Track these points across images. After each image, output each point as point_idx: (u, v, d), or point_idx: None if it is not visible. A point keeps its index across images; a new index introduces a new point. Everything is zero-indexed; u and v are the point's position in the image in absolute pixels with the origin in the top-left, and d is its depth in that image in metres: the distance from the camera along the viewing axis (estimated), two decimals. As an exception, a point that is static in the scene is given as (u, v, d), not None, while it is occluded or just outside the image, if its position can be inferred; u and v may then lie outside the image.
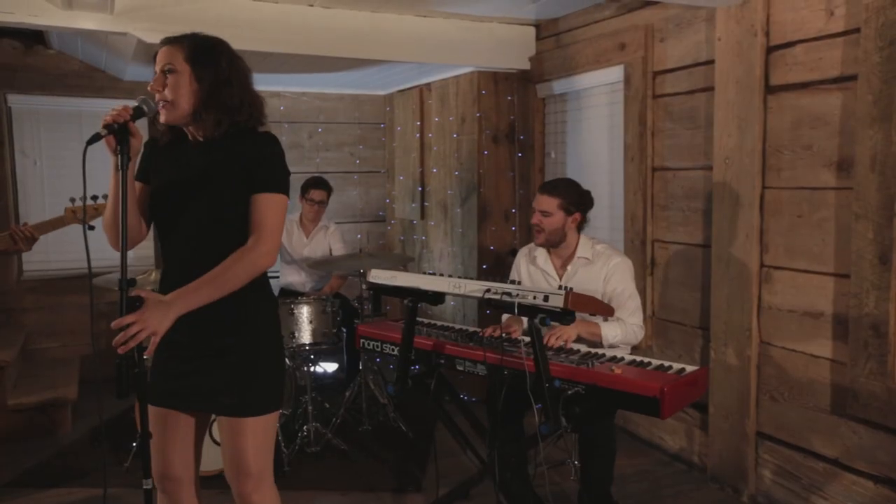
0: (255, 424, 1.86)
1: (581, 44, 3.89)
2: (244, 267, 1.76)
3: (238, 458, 1.87)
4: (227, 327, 1.84)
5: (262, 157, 1.84)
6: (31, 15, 3.07)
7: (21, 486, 3.23)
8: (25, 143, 4.73)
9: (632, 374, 2.20)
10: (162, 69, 1.82)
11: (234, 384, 1.85)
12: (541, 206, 2.73)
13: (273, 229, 1.81)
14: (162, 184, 1.88)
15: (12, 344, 4.12)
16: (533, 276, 2.91)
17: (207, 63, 1.83)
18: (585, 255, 2.77)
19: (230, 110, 1.84)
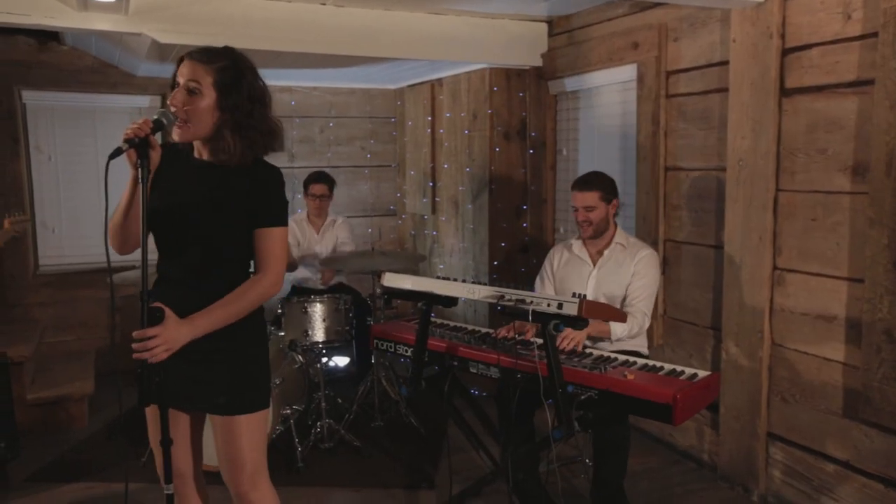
0: (248, 422, 1.92)
1: (594, 41, 3.87)
2: (255, 296, 1.87)
3: (233, 455, 1.92)
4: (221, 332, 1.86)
5: (266, 193, 1.89)
6: (47, 17, 3.09)
7: (41, 481, 3.29)
8: (40, 139, 4.77)
9: (644, 381, 2.22)
10: (186, 86, 1.82)
11: (228, 384, 1.90)
12: (583, 202, 2.87)
13: (279, 260, 1.90)
14: (164, 198, 1.87)
15: (29, 339, 4.18)
16: (568, 265, 3.02)
17: (234, 93, 1.82)
18: (622, 242, 2.92)
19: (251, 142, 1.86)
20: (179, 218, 1.86)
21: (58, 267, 4.87)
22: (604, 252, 2.94)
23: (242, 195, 1.86)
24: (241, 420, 1.89)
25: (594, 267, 2.94)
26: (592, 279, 2.93)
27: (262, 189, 1.87)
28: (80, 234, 4.95)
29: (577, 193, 2.89)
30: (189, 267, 1.88)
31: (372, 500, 3.13)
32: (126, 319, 4.99)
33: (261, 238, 1.88)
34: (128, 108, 4.97)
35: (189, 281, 1.88)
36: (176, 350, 1.76)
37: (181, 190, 1.88)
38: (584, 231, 2.93)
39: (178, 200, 1.87)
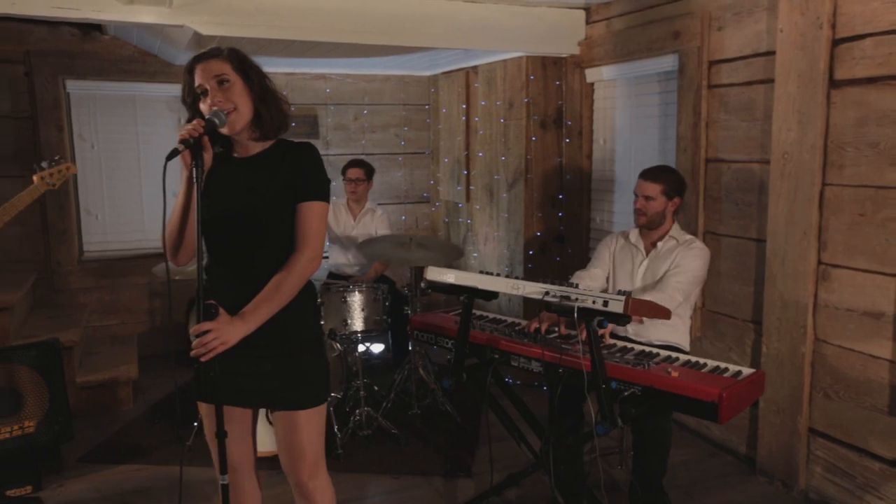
0: (308, 416, 1.97)
1: (633, 30, 3.82)
2: (295, 279, 1.88)
3: (295, 448, 1.97)
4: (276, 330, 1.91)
5: (304, 168, 1.92)
6: (95, 10, 3.14)
7: (92, 462, 3.41)
8: (83, 128, 4.86)
9: (689, 378, 2.22)
10: (216, 81, 1.86)
11: (288, 380, 1.95)
12: (645, 191, 2.88)
13: (316, 236, 1.91)
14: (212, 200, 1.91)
15: (77, 323, 4.30)
16: (622, 252, 3.05)
17: (250, 70, 1.91)
18: (676, 237, 2.93)
19: (280, 110, 1.95)
20: (231, 215, 1.90)
21: (101, 253, 4.99)
22: (657, 244, 2.95)
23: (283, 176, 1.90)
24: (300, 414, 1.94)
25: (646, 256, 2.96)
26: (642, 267, 2.96)
27: (299, 165, 1.92)
28: (122, 221, 5.06)
29: (642, 181, 2.90)
30: (243, 263, 1.93)
31: (410, 487, 3.19)
32: (166, 305, 5.11)
33: (299, 213, 1.90)
34: (166, 97, 5.04)
35: (243, 276, 1.91)
36: (231, 345, 1.81)
37: (228, 189, 1.92)
38: (637, 218, 2.94)
39: (226, 195, 1.91)
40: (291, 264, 1.88)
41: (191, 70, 1.89)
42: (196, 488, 3.09)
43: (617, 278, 3.05)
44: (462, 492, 3.13)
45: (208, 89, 1.86)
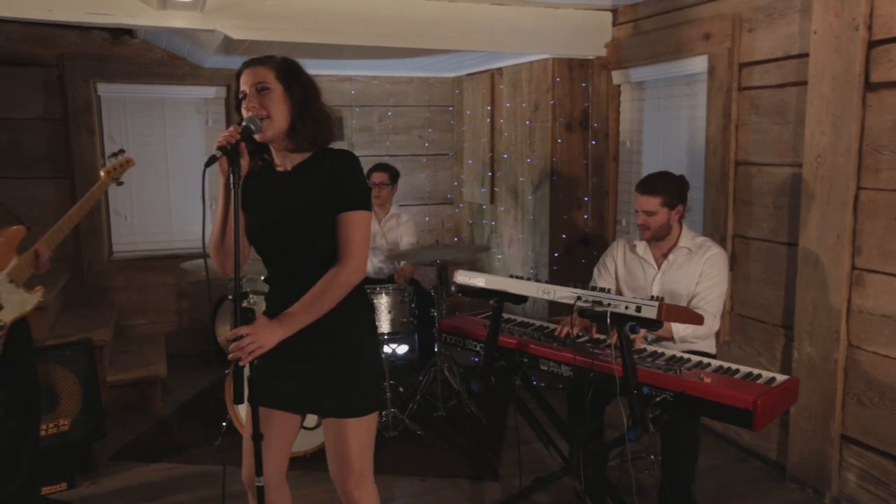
0: (356, 425, 1.96)
1: (662, 31, 3.80)
2: (338, 287, 1.88)
3: (342, 456, 1.96)
4: (329, 334, 1.92)
5: (344, 177, 1.91)
6: (128, 16, 3.19)
7: (124, 460, 3.46)
8: (113, 130, 4.94)
9: (722, 384, 2.21)
10: (256, 88, 1.89)
11: (337, 387, 1.95)
12: (644, 206, 2.77)
13: (360, 245, 1.90)
14: (257, 212, 1.93)
15: (107, 323, 4.37)
16: (629, 264, 2.96)
17: (295, 81, 1.92)
18: (687, 246, 2.83)
19: (319, 125, 1.94)
20: (275, 228, 1.92)
21: (130, 253, 5.07)
22: (668, 255, 2.86)
23: (323, 186, 1.90)
24: (349, 423, 1.94)
25: (658, 270, 2.88)
26: (657, 283, 2.88)
27: (338, 174, 1.91)
28: (150, 222, 5.13)
29: (639, 196, 2.79)
30: (291, 272, 1.95)
31: (437, 489, 3.20)
32: (193, 305, 5.18)
33: (340, 224, 1.89)
34: (194, 99, 5.11)
35: (293, 285, 1.92)
36: (267, 349, 1.82)
37: (271, 202, 1.94)
38: (642, 234, 2.85)
39: (271, 212, 1.93)
40: (334, 274, 1.88)
41: (238, 74, 1.92)
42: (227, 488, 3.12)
43: (624, 292, 2.96)
44: (489, 495, 3.13)
45: (248, 94, 1.89)
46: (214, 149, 1.80)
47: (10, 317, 2.63)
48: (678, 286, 2.83)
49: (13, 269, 2.66)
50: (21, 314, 2.68)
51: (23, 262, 2.69)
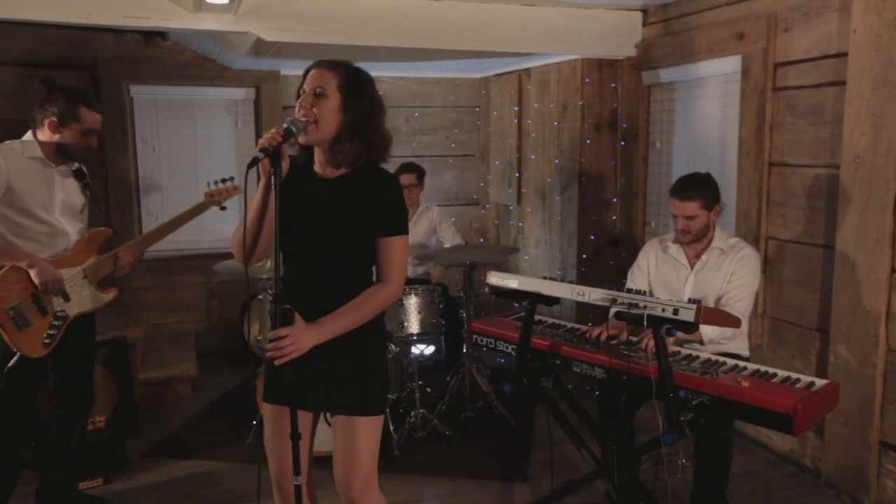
0: (367, 424, 1.98)
1: (694, 31, 3.76)
2: (378, 304, 1.94)
3: (351, 455, 1.97)
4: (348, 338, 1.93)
5: (388, 202, 1.93)
6: (164, 19, 3.24)
7: (158, 456, 3.51)
8: (145, 131, 5.01)
9: (761, 388, 2.18)
10: (313, 91, 1.90)
11: (354, 385, 1.97)
12: (684, 212, 2.77)
13: (400, 268, 1.96)
14: (291, 212, 1.93)
15: (138, 322, 4.43)
16: (662, 265, 2.96)
17: (356, 96, 1.91)
18: (720, 246, 2.83)
19: (368, 144, 1.94)
20: (307, 232, 1.93)
21: (160, 253, 5.12)
22: (701, 256, 2.86)
23: (365, 205, 1.91)
24: (361, 421, 1.96)
25: (691, 270, 2.88)
26: (689, 283, 2.87)
27: (383, 198, 1.93)
28: (180, 222, 5.18)
29: (677, 202, 2.78)
30: (316, 275, 1.96)
31: (466, 490, 3.20)
32: (222, 304, 5.23)
33: (382, 247, 1.94)
34: (224, 100, 5.16)
35: (316, 287, 1.95)
36: (304, 352, 1.84)
37: (308, 205, 1.95)
38: (682, 238, 2.84)
39: (306, 215, 1.94)
40: (375, 292, 1.93)
41: (306, 72, 1.94)
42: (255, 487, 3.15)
43: (657, 293, 2.95)
44: (518, 496, 3.12)
45: (304, 94, 1.90)
46: (257, 150, 1.82)
47: (75, 310, 2.72)
48: (710, 287, 2.81)
49: (90, 266, 2.76)
50: (87, 310, 2.78)
51: (101, 262, 2.78)
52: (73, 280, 2.70)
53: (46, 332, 2.61)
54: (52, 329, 2.63)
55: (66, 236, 2.71)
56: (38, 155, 2.65)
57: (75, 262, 2.72)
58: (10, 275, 2.52)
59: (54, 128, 2.63)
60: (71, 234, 2.73)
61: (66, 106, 2.62)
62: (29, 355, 2.57)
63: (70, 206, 2.75)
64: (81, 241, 2.76)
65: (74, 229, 2.75)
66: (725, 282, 2.78)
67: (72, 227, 2.74)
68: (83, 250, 2.76)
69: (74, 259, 2.72)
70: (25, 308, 2.55)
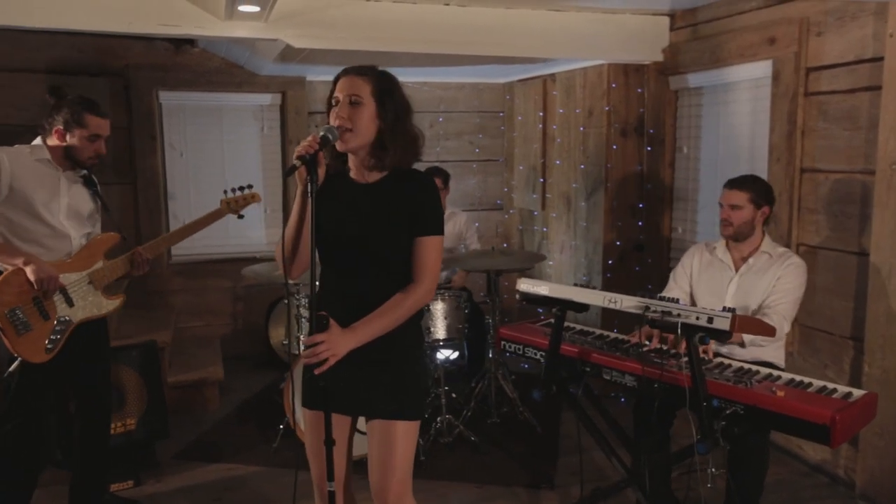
0: (404, 429, 1.98)
1: (723, 36, 3.73)
2: (411, 305, 1.94)
3: (387, 460, 1.97)
4: (386, 342, 1.94)
5: (424, 202, 1.95)
6: (196, 27, 3.28)
7: (186, 460, 3.54)
8: (173, 137, 5.07)
9: (795, 398, 2.15)
10: (349, 99, 1.92)
11: (392, 390, 1.98)
12: (730, 200, 2.79)
13: (434, 269, 1.96)
14: (329, 218, 1.95)
15: (167, 325, 4.48)
16: (707, 266, 2.95)
17: (389, 100, 1.93)
18: (769, 252, 2.82)
19: (405, 146, 1.96)
20: (347, 238, 1.95)
21: (187, 257, 5.19)
22: (748, 259, 2.84)
23: (402, 207, 1.93)
24: (398, 426, 1.96)
25: (736, 273, 2.86)
26: (733, 285, 2.85)
27: (419, 199, 1.94)
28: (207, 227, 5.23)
29: (727, 191, 2.82)
30: (355, 281, 1.97)
31: (493, 496, 3.19)
32: (248, 308, 5.27)
33: (421, 247, 1.94)
34: (251, 106, 5.21)
35: (355, 293, 1.96)
36: (340, 357, 1.86)
37: (347, 212, 1.96)
38: (723, 229, 2.84)
39: (345, 222, 1.95)
40: (409, 292, 1.93)
41: (336, 79, 1.96)
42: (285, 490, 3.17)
43: (699, 295, 2.94)
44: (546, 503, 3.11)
45: (339, 102, 1.92)
46: (294, 158, 1.84)
47: (79, 316, 2.68)
48: (754, 291, 2.79)
49: (95, 272, 2.73)
50: (92, 316, 2.73)
51: (108, 268, 2.76)
52: (77, 285, 2.67)
53: (49, 336, 2.58)
54: (55, 334, 2.60)
55: (69, 240, 2.69)
56: (47, 157, 2.67)
57: (80, 267, 2.69)
58: (11, 278, 2.50)
59: (61, 135, 2.65)
60: (74, 237, 2.71)
61: (71, 114, 2.64)
62: (30, 360, 2.54)
63: (76, 210, 2.73)
64: (87, 245, 2.74)
65: (79, 234, 2.73)
66: (770, 287, 2.77)
67: (76, 231, 2.72)
68: (89, 255, 2.73)
69: (79, 264, 2.69)
70: (26, 312, 2.52)
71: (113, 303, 2.80)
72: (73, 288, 2.67)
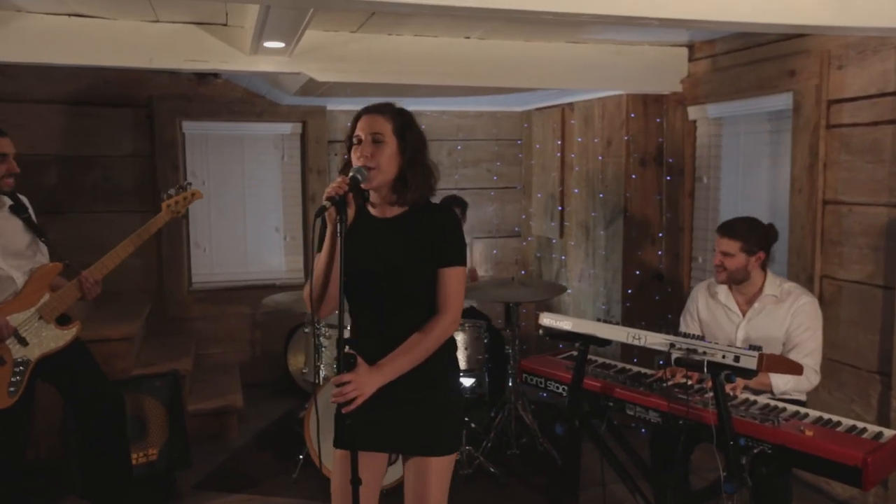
0: (439, 465, 1.98)
1: (742, 68, 3.75)
2: (435, 339, 1.95)
3: (422, 495, 1.97)
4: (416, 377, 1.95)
5: (447, 234, 1.98)
6: (222, 62, 3.35)
7: (206, 489, 3.54)
8: (196, 166, 5.15)
9: (826, 438, 2.13)
10: (371, 138, 1.95)
11: (424, 425, 1.98)
12: (722, 247, 2.74)
13: (457, 299, 1.98)
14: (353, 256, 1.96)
15: (187, 352, 4.51)
16: (713, 311, 2.90)
17: (409, 136, 1.98)
18: (773, 293, 2.75)
19: (424, 180, 1.99)
20: (372, 275, 1.97)
21: (207, 284, 5.23)
22: (753, 303, 2.78)
23: (424, 240, 1.95)
24: (433, 461, 1.96)
25: (743, 318, 2.80)
26: (741, 331, 2.80)
27: (441, 231, 1.97)
28: (228, 254, 5.30)
29: (719, 238, 2.75)
30: (382, 315, 1.99)
31: (515, 530, 3.16)
32: (266, 335, 5.29)
33: (444, 278, 1.96)
34: (271, 135, 5.28)
35: (384, 329, 1.97)
36: (367, 396, 1.86)
37: (370, 249, 1.98)
38: (717, 275, 2.79)
39: (369, 259, 1.97)
40: (432, 325, 1.94)
41: (357, 118, 2.00)
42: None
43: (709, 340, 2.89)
44: (568, 539, 3.08)
45: (362, 141, 1.95)
46: (324, 199, 1.86)
47: (36, 353, 2.66)
48: (764, 333, 2.74)
49: (43, 306, 2.69)
50: (50, 350, 2.70)
51: (56, 298, 2.71)
52: (28, 323, 2.64)
53: (9, 380, 2.57)
54: (16, 376, 2.58)
55: (12, 280, 2.66)
56: None
57: (27, 305, 2.65)
58: None
59: None
60: (17, 277, 2.67)
61: None
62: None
63: (11, 249, 2.69)
64: (29, 280, 2.69)
65: (21, 272, 2.69)
66: (782, 331, 2.71)
67: (18, 270, 2.68)
68: (33, 290, 2.68)
69: (25, 301, 2.66)
70: None
71: (70, 332, 2.76)
72: (24, 327, 2.63)
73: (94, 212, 4.80)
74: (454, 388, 2.06)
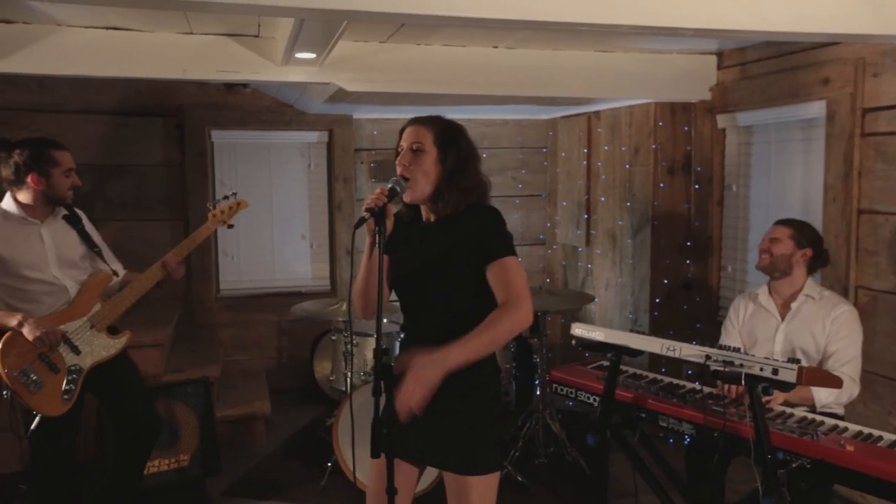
0: (479, 484, 1.94)
1: (773, 76, 3.71)
2: (510, 326, 1.83)
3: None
4: (460, 391, 1.92)
5: (489, 229, 1.96)
6: (253, 73, 3.39)
7: (236, 496, 3.56)
8: (224, 174, 5.21)
9: (866, 453, 2.09)
10: (410, 147, 1.97)
11: (464, 443, 1.95)
12: (772, 234, 2.77)
13: (524, 288, 1.88)
14: (403, 260, 1.99)
15: (216, 359, 4.55)
16: (752, 317, 2.89)
17: (451, 147, 1.98)
18: (812, 294, 2.74)
19: (465, 192, 1.99)
20: (413, 279, 1.98)
21: (235, 291, 5.29)
22: (791, 305, 2.77)
23: (468, 239, 1.94)
24: (471, 481, 1.93)
25: (782, 321, 2.79)
26: (780, 333, 2.78)
27: (484, 227, 1.95)
28: (255, 262, 5.35)
29: (773, 226, 2.81)
30: (433, 322, 1.99)
31: (544, 541, 3.14)
32: (292, 342, 5.32)
33: (496, 271, 1.89)
34: (298, 143, 5.33)
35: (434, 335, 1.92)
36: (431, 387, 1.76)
37: (418, 249, 2.01)
38: (760, 259, 2.80)
39: (417, 256, 1.99)
40: (506, 313, 1.82)
41: (403, 129, 2.03)
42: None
43: (748, 346, 2.86)
44: (599, 551, 3.05)
45: (403, 151, 1.98)
46: (363, 210, 1.88)
47: (88, 362, 2.70)
48: (803, 339, 2.72)
49: (95, 315, 2.74)
50: (101, 359, 2.73)
51: (107, 308, 2.76)
52: (79, 332, 2.69)
53: (63, 388, 2.62)
54: (69, 384, 2.63)
55: (66, 290, 2.71)
56: (20, 215, 2.67)
57: (79, 314, 2.70)
58: (13, 340, 2.55)
59: (38, 181, 2.63)
60: (71, 287, 2.72)
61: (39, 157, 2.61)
62: (50, 415, 2.59)
63: (66, 259, 2.74)
64: (81, 290, 2.74)
65: (75, 281, 2.74)
66: (823, 337, 2.68)
67: (71, 280, 2.73)
68: (85, 300, 2.73)
69: (77, 310, 2.70)
70: (35, 369, 2.57)
71: (119, 341, 2.80)
72: (75, 335, 2.68)
73: (124, 220, 4.87)
74: (489, 402, 1.99)
